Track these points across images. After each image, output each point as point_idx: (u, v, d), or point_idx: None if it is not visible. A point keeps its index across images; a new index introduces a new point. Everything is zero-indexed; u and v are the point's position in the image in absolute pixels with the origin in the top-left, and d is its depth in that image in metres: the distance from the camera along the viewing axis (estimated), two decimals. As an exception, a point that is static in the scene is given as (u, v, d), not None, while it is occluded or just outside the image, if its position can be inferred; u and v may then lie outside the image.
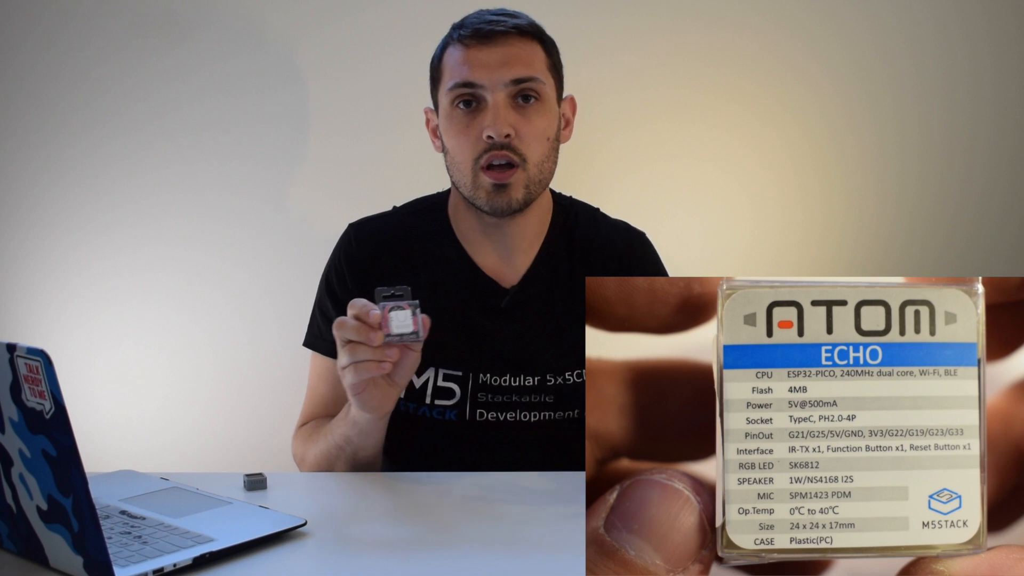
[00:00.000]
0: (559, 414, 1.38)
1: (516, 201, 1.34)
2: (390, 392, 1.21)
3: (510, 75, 1.31)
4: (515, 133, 1.32)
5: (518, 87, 1.32)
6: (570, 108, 1.43)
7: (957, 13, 1.92)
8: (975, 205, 1.97)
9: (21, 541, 0.95)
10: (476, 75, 1.32)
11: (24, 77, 1.91)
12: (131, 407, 1.96)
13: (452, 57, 1.34)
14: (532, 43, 1.35)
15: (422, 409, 1.37)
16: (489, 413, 1.37)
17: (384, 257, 1.41)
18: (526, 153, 1.33)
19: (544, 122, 1.34)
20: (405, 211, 1.47)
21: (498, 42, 1.32)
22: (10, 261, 1.95)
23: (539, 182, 1.36)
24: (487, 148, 1.32)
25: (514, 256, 1.41)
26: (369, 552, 1.02)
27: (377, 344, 1.14)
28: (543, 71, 1.35)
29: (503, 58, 1.32)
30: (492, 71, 1.31)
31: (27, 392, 0.86)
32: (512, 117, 1.32)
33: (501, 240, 1.40)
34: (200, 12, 1.89)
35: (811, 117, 1.94)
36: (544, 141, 1.35)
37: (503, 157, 1.32)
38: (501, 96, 1.31)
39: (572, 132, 1.44)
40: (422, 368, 1.36)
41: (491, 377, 1.37)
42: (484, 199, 1.34)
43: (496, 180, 1.32)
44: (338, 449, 1.29)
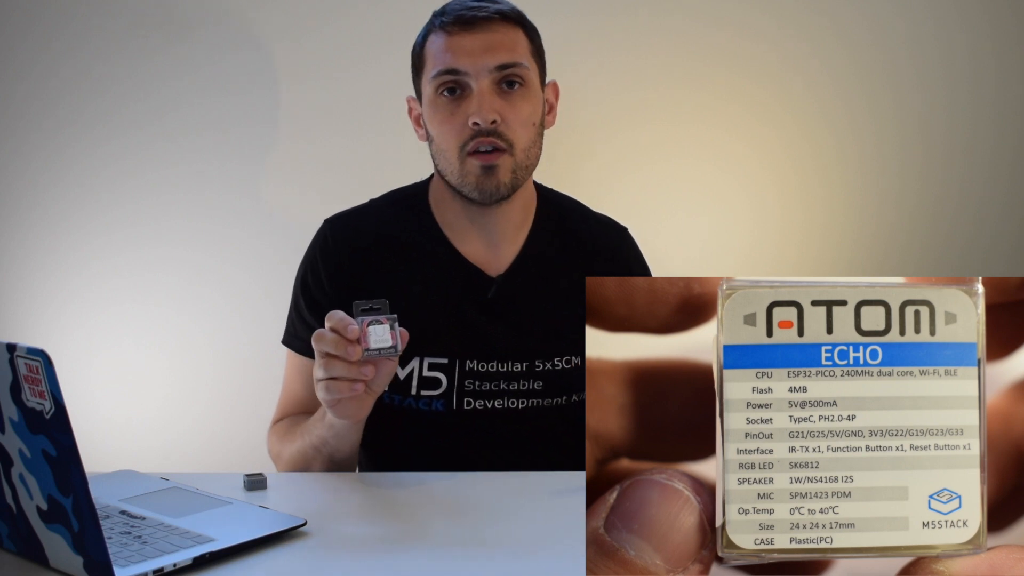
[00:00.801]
0: (548, 401, 1.37)
1: (504, 185, 1.33)
2: (366, 400, 1.20)
3: (494, 61, 1.31)
4: (501, 119, 1.31)
5: (503, 73, 1.31)
6: (553, 93, 1.43)
7: (957, 13, 1.92)
8: (975, 205, 1.97)
9: (21, 541, 0.95)
10: (460, 62, 1.31)
11: (23, 77, 1.91)
12: (131, 407, 1.96)
13: (434, 44, 1.34)
14: (515, 28, 1.34)
15: (408, 401, 1.36)
16: (477, 401, 1.36)
17: (362, 252, 1.40)
18: (512, 138, 1.32)
19: (529, 107, 1.34)
20: (383, 202, 1.46)
21: (481, 28, 1.32)
22: (10, 261, 1.95)
23: (526, 168, 1.35)
24: (473, 135, 1.31)
25: (500, 245, 1.40)
26: (369, 552, 1.02)
27: (355, 359, 1.13)
28: (527, 56, 1.34)
29: (486, 44, 1.31)
30: (476, 57, 1.31)
31: (27, 392, 0.86)
32: (497, 103, 1.31)
33: (485, 228, 1.39)
34: (200, 11, 1.89)
35: (811, 117, 1.94)
36: (530, 127, 1.34)
37: (489, 143, 1.31)
38: (486, 82, 1.31)
39: (556, 118, 1.43)
40: (406, 359, 1.35)
41: (478, 364, 1.36)
42: (472, 184, 1.33)
43: (484, 162, 1.32)
44: (314, 450, 1.29)
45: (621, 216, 1.51)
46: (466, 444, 1.35)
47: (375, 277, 1.38)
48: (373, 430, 1.30)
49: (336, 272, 1.39)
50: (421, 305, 1.36)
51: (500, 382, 1.36)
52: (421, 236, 1.41)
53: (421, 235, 1.41)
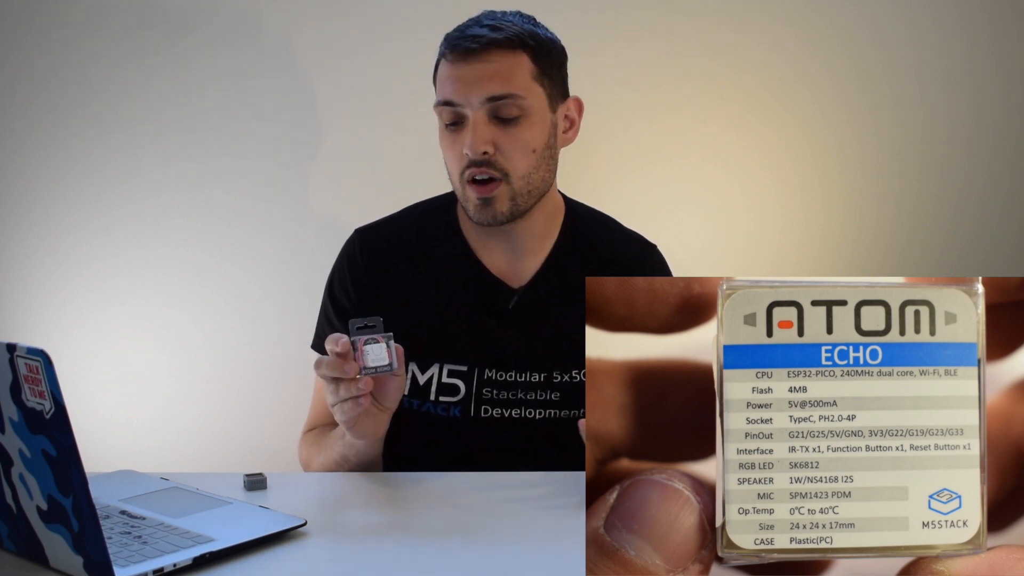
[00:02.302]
0: (564, 412, 1.38)
1: (501, 214, 1.34)
2: (381, 417, 1.24)
3: (486, 92, 1.30)
4: (495, 148, 1.32)
5: (494, 104, 1.31)
6: (575, 109, 1.41)
7: (957, 12, 1.92)
8: (975, 205, 1.96)
9: (21, 541, 0.95)
10: (455, 93, 1.32)
11: (22, 77, 1.91)
12: (131, 407, 1.96)
13: (441, 71, 1.35)
14: (514, 54, 1.32)
15: (426, 405, 1.38)
16: (494, 410, 1.37)
17: (387, 263, 1.42)
18: (507, 167, 1.33)
19: (528, 134, 1.33)
20: (413, 213, 1.48)
21: (477, 58, 1.31)
22: (10, 261, 1.95)
23: (527, 193, 1.35)
24: (468, 164, 1.33)
25: (522, 257, 1.41)
26: (369, 552, 1.02)
27: (352, 375, 1.17)
28: (526, 84, 1.33)
29: (479, 75, 1.31)
30: (469, 88, 1.31)
31: (27, 392, 0.86)
32: (491, 132, 1.32)
33: (508, 241, 1.41)
34: (198, 9, 1.89)
35: (812, 117, 1.94)
36: (529, 154, 1.34)
37: (484, 173, 1.32)
38: (479, 114, 1.31)
39: (577, 133, 1.42)
40: (427, 364, 1.38)
41: (497, 373, 1.37)
42: (472, 211, 1.36)
43: (479, 195, 1.33)
44: (337, 465, 1.33)
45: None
46: (480, 449, 1.37)
47: (398, 287, 1.41)
48: (391, 432, 1.31)
49: (361, 282, 1.42)
50: (443, 313, 1.39)
51: (518, 391, 1.38)
52: (446, 246, 1.42)
53: (446, 245, 1.43)
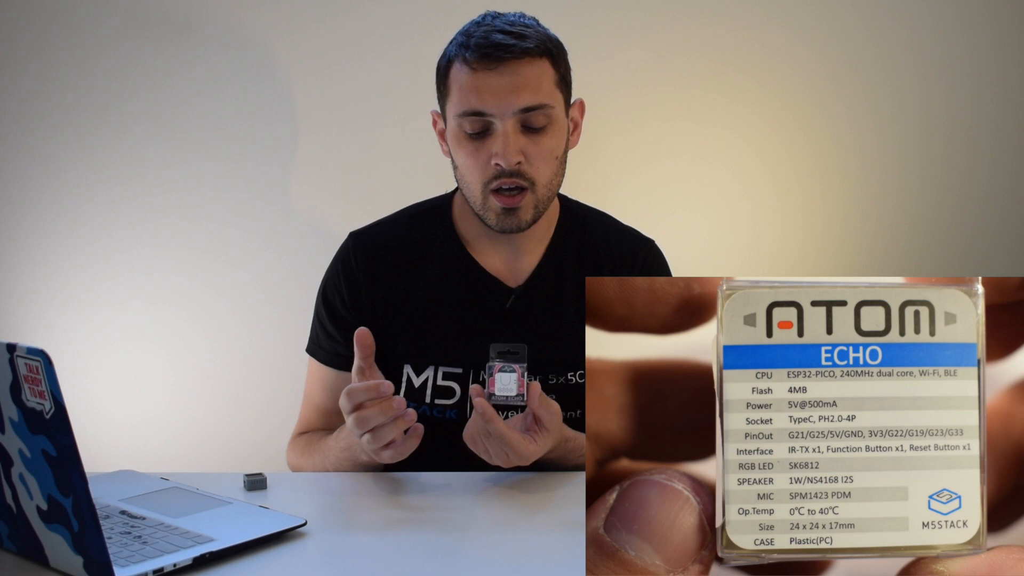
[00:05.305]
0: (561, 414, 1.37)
1: (525, 222, 1.34)
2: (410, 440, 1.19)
3: (519, 103, 1.29)
4: (525, 158, 1.31)
5: (527, 115, 1.30)
6: (579, 112, 1.41)
7: (958, 13, 1.92)
8: (975, 205, 1.96)
9: (21, 541, 0.95)
10: (485, 103, 1.29)
11: (21, 77, 1.91)
12: (131, 407, 1.96)
13: (460, 76, 1.31)
14: (541, 62, 1.31)
15: (422, 408, 1.37)
16: None
17: (381, 267, 1.41)
18: (535, 176, 1.32)
19: (553, 142, 1.33)
20: (408, 214, 1.47)
21: (507, 67, 1.28)
22: (10, 261, 1.95)
23: (547, 199, 1.35)
24: (496, 174, 1.31)
25: (519, 257, 1.41)
26: (369, 552, 1.02)
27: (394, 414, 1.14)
28: (551, 92, 1.32)
29: (512, 85, 1.28)
30: (501, 98, 1.28)
31: (27, 392, 0.86)
32: (521, 142, 1.30)
33: (506, 243, 1.40)
34: (196, 9, 1.89)
35: (812, 117, 1.94)
36: (552, 160, 1.33)
37: (512, 183, 1.31)
38: (510, 124, 1.29)
39: (580, 136, 1.42)
40: (422, 367, 1.37)
41: None
42: (493, 220, 1.34)
43: (506, 205, 1.32)
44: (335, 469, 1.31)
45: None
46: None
47: (393, 290, 1.40)
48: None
49: (354, 286, 1.41)
50: (438, 315, 1.38)
51: None
52: (442, 248, 1.42)
53: (442, 247, 1.42)
